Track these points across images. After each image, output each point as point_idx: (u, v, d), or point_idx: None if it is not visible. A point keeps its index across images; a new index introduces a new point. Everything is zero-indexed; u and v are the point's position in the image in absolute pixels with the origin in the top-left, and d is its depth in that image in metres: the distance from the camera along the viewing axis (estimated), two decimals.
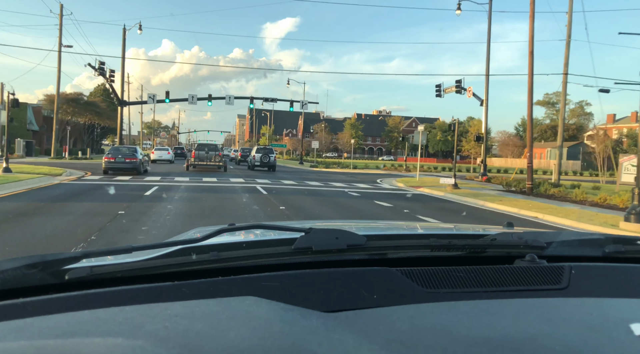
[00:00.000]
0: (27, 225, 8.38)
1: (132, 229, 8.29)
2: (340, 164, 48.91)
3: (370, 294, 1.01)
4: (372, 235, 1.30)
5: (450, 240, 1.38)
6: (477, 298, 1.03)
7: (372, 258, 1.25)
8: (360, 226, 2.31)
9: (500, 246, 1.36)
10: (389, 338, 0.78)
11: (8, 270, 0.97)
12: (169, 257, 1.09)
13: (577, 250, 1.43)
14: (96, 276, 1.02)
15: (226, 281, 1.02)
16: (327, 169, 40.77)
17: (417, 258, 1.29)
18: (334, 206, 13.56)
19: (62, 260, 1.01)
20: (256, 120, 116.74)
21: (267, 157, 32.82)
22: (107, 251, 1.12)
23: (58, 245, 6.91)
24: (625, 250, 1.42)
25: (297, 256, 1.17)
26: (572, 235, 1.54)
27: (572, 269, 1.19)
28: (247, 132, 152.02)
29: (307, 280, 1.05)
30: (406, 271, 1.11)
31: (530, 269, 1.18)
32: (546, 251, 1.35)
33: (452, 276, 1.11)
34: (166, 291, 0.97)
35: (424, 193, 19.33)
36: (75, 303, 0.89)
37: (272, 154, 33.23)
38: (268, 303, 0.90)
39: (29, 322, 0.79)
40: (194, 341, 0.71)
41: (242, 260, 1.14)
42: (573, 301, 1.04)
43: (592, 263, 1.32)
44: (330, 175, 30.78)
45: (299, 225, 1.41)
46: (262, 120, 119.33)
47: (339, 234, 1.20)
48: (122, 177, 20.89)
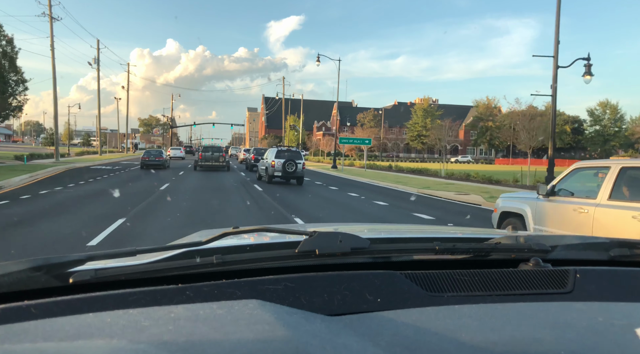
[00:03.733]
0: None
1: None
2: (425, 170, 32.93)
3: (374, 297, 1.01)
4: (375, 238, 1.29)
5: (455, 243, 1.37)
6: (481, 302, 1.02)
7: (376, 261, 1.25)
8: (364, 229, 2.31)
9: (505, 249, 1.36)
10: (393, 342, 0.78)
11: (13, 273, 0.97)
12: (173, 260, 1.09)
13: (582, 254, 1.42)
14: (100, 279, 1.02)
15: (230, 284, 1.02)
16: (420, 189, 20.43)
17: (422, 262, 1.29)
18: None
19: (66, 263, 1.02)
20: (275, 110, 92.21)
21: (292, 164, 21.41)
22: (111, 253, 1.12)
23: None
24: (631, 253, 1.41)
25: (300, 260, 1.16)
26: (576, 238, 1.53)
27: (577, 273, 1.18)
28: (261, 126, 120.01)
29: (310, 283, 1.05)
30: (410, 274, 1.10)
31: (535, 273, 1.18)
32: (551, 255, 1.34)
33: (456, 280, 1.11)
34: (170, 294, 0.97)
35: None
36: (80, 305, 0.89)
37: (300, 160, 21.89)
38: (272, 307, 0.90)
39: (33, 325, 0.79)
40: (198, 345, 0.71)
41: (245, 263, 1.14)
42: (578, 305, 1.03)
43: (598, 267, 1.31)
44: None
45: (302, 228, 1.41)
46: (281, 112, 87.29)
47: (343, 237, 1.19)
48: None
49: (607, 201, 5.79)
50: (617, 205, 5.65)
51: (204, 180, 23.36)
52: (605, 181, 5.93)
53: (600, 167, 6.35)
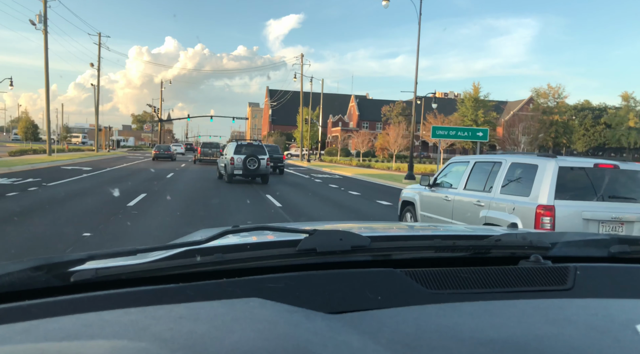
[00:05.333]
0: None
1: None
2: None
3: (375, 295, 1.01)
4: (376, 236, 1.29)
5: (455, 240, 1.37)
6: (481, 299, 1.02)
7: (377, 259, 1.25)
8: (364, 227, 2.31)
9: (505, 247, 1.36)
10: (393, 340, 0.78)
11: (14, 272, 0.97)
12: (174, 259, 1.09)
13: (582, 251, 1.42)
14: (101, 278, 1.02)
15: (230, 283, 1.02)
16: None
17: (422, 259, 1.29)
18: None
19: (67, 262, 1.02)
20: (282, 103, 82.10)
21: (254, 160, 18.94)
22: (111, 253, 1.12)
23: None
24: (631, 250, 1.41)
25: (301, 258, 1.16)
26: (576, 235, 1.54)
27: (577, 270, 1.18)
28: (264, 122, 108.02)
29: (311, 281, 1.05)
30: (410, 272, 1.10)
31: (535, 270, 1.18)
32: (551, 252, 1.34)
33: (456, 277, 1.11)
34: (171, 293, 0.97)
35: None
36: (81, 305, 0.90)
37: (264, 155, 19.51)
38: (272, 305, 0.90)
39: (34, 324, 0.79)
40: (199, 343, 0.71)
41: (246, 261, 1.14)
42: (578, 302, 1.03)
43: (598, 263, 1.31)
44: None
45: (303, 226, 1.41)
46: (288, 106, 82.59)
47: (343, 235, 1.20)
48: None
49: (462, 190, 6.91)
50: (468, 194, 6.73)
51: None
52: (463, 174, 7.06)
53: (466, 162, 7.36)
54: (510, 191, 6.08)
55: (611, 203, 5.68)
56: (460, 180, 7.07)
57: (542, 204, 5.51)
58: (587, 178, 5.83)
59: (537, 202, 5.56)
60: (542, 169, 5.71)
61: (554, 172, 5.60)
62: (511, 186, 6.12)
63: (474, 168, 6.94)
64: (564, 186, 5.64)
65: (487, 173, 6.58)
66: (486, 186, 6.47)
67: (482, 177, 6.66)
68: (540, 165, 5.77)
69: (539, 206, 5.52)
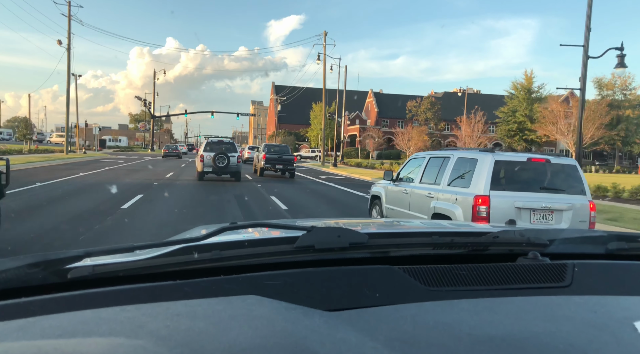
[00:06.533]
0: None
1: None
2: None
3: (373, 292, 1.01)
4: (374, 233, 1.29)
5: (453, 238, 1.37)
6: (479, 296, 1.02)
7: (375, 256, 1.25)
8: (362, 224, 2.31)
9: (503, 244, 1.36)
10: (391, 337, 0.78)
11: (10, 269, 0.97)
12: (171, 256, 1.09)
13: (580, 248, 1.42)
14: (98, 275, 1.02)
15: (228, 280, 1.01)
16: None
17: (420, 256, 1.29)
18: None
19: (64, 259, 1.01)
20: (291, 100, 70.58)
21: (223, 158, 18.77)
22: (109, 250, 1.12)
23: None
24: (629, 247, 1.41)
25: (299, 255, 1.16)
26: (574, 232, 1.54)
27: (575, 266, 1.18)
28: (270, 120, 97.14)
29: (309, 278, 1.04)
30: (408, 269, 1.10)
31: (533, 267, 1.18)
32: (549, 249, 1.34)
33: (454, 275, 1.11)
34: (168, 290, 0.96)
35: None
36: (77, 302, 0.89)
37: (234, 153, 19.27)
38: (270, 302, 0.89)
39: (31, 321, 0.79)
40: (196, 341, 0.70)
41: (244, 258, 1.14)
42: (576, 299, 1.03)
43: (595, 260, 1.31)
44: None
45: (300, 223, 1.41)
46: (297, 104, 72.78)
47: (341, 232, 1.19)
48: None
49: (418, 184, 7.43)
50: (422, 187, 7.28)
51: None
52: (419, 168, 7.60)
53: (422, 157, 7.87)
54: (455, 183, 6.58)
55: (542, 193, 6.14)
56: (417, 174, 7.62)
57: (478, 195, 5.98)
58: (521, 171, 6.31)
59: (475, 193, 6.02)
60: (481, 163, 6.16)
61: (490, 165, 6.04)
62: (456, 179, 6.62)
63: (429, 163, 7.44)
64: (499, 178, 6.12)
65: (438, 167, 7.10)
66: (437, 179, 6.99)
67: (434, 170, 7.19)
68: (480, 159, 6.22)
69: (476, 196, 5.98)
